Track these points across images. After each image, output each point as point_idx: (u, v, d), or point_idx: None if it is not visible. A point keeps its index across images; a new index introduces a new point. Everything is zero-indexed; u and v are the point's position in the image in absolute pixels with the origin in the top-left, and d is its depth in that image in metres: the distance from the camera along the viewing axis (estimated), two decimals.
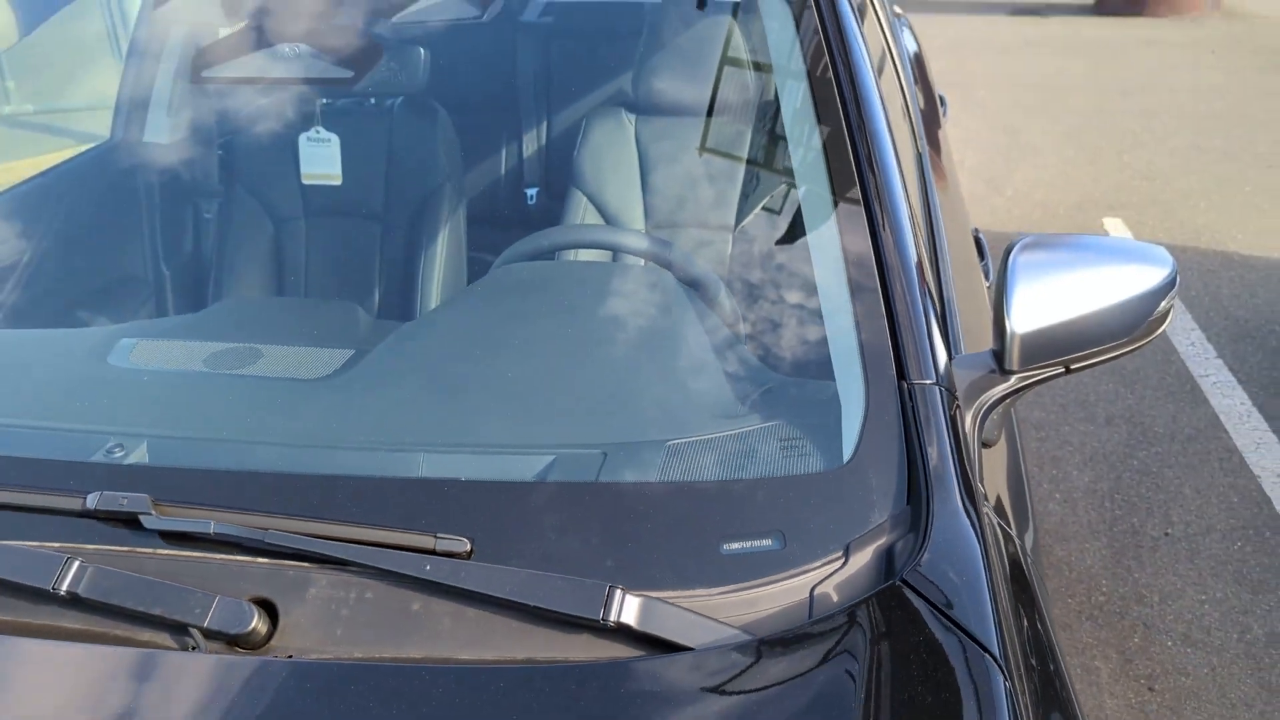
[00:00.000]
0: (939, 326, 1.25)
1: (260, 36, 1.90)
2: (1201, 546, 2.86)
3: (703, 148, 1.95)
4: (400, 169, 2.42)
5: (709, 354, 1.32)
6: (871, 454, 1.09)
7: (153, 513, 1.05)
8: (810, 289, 1.35)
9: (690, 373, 1.29)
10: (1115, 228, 5.09)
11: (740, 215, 1.89)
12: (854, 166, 1.33)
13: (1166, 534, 2.92)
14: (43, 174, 2.26)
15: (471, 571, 0.99)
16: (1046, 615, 1.13)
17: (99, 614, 1.00)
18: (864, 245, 1.25)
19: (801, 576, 1.01)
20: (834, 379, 1.21)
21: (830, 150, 1.36)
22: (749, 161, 1.84)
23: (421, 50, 2.16)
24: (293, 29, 1.87)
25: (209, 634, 0.98)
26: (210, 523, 1.04)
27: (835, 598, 1.00)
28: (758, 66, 1.80)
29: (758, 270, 1.50)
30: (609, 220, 2.24)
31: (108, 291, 2.34)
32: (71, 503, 1.08)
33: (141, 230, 2.44)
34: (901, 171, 1.39)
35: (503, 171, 2.88)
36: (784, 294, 1.42)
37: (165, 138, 2.45)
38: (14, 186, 2.20)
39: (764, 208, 1.69)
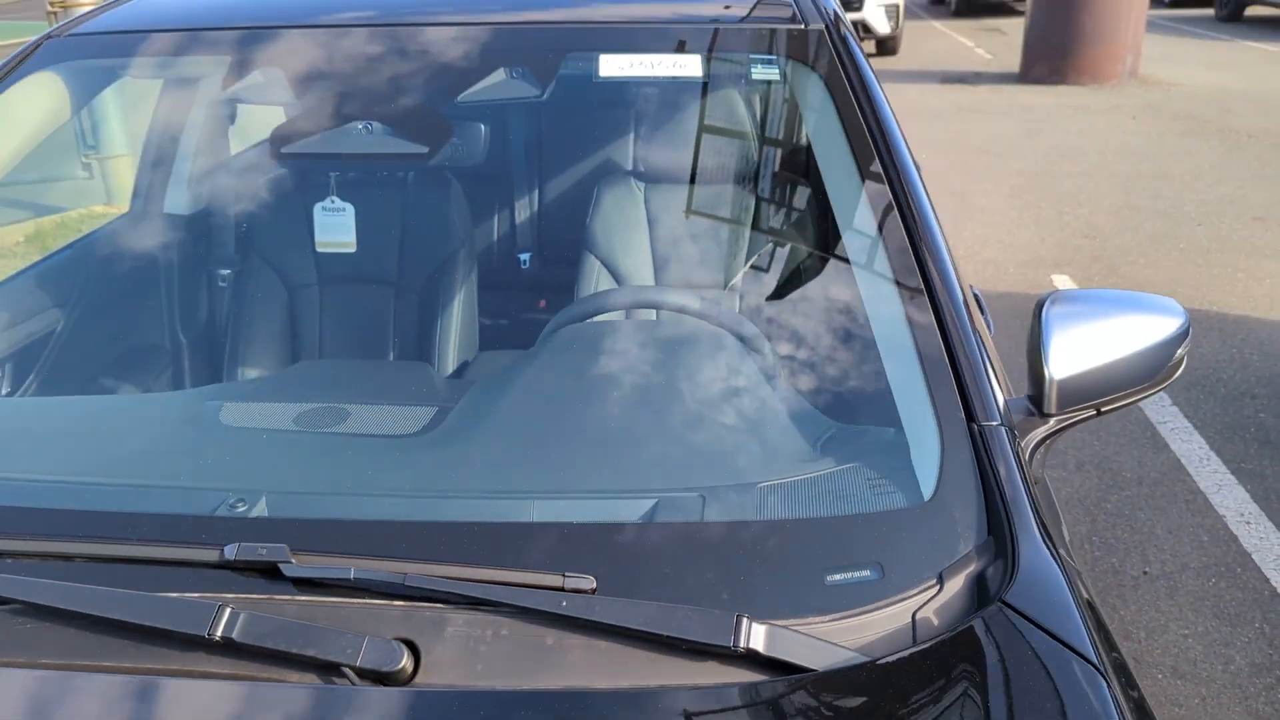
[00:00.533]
0: (991, 372, 1.37)
1: (333, 115, 1.98)
2: (1179, 584, 3.01)
3: (718, 211, 2.07)
4: (414, 236, 2.49)
5: (776, 403, 1.42)
6: (952, 490, 1.19)
7: (292, 560, 1.11)
8: (861, 340, 1.46)
9: (764, 421, 1.39)
10: (1064, 283, 5.33)
11: (761, 271, 2.00)
12: (901, 223, 1.45)
13: (1145, 573, 3.06)
14: (67, 247, 2.30)
15: (605, 605, 1.07)
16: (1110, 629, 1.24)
17: (253, 658, 1.05)
18: (921, 298, 1.37)
19: (903, 603, 1.10)
20: (901, 422, 1.31)
21: (877, 207, 1.48)
22: (762, 224, 1.96)
23: (482, 126, 2.25)
24: (366, 108, 1.96)
25: (361, 672, 1.04)
26: (350, 569, 1.10)
27: (936, 621, 1.09)
28: (775, 133, 1.92)
29: (803, 324, 1.60)
30: (620, 282, 2.34)
31: (131, 360, 2.38)
32: (208, 554, 1.13)
33: (160, 300, 2.49)
34: (941, 227, 1.51)
35: (495, 237, 2.97)
36: (835, 346, 1.53)
37: (184, 209, 2.51)
38: (40, 261, 2.24)
39: (797, 265, 1.81)
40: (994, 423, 1.26)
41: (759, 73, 1.69)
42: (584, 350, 1.54)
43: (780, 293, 1.75)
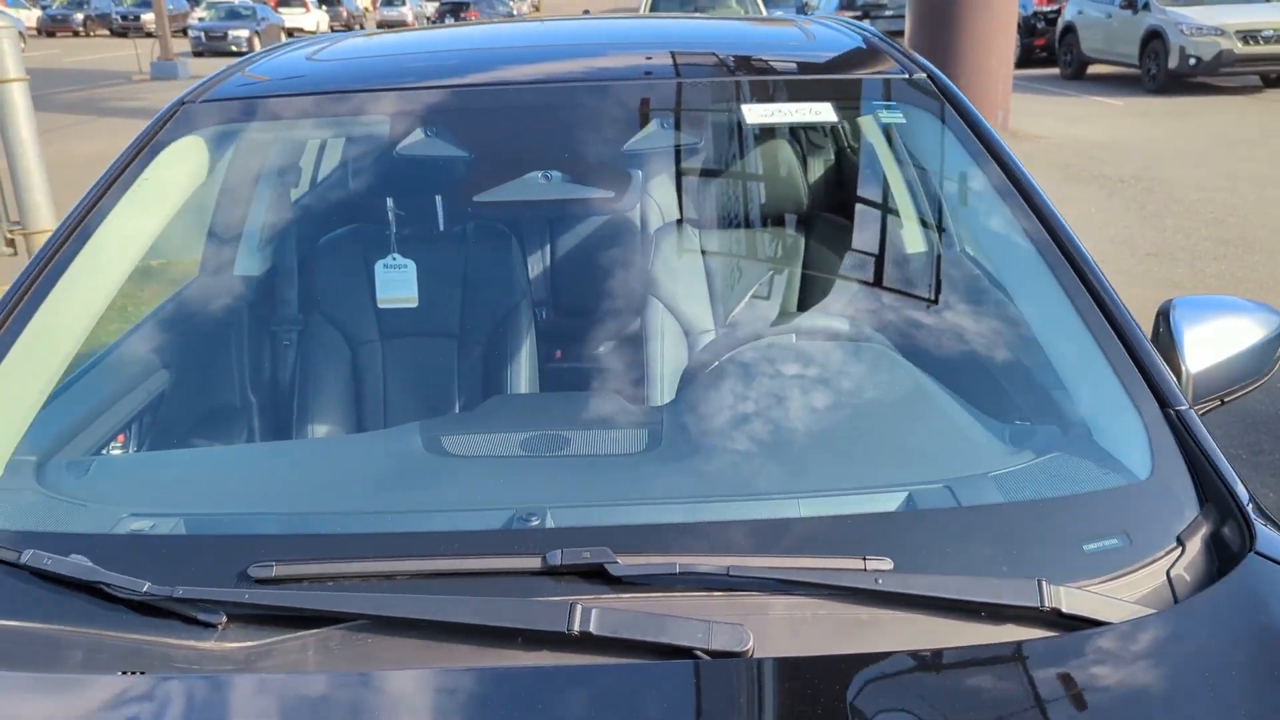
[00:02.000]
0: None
1: (510, 167, 2.07)
2: None
3: (862, 244, 2.21)
4: (476, 289, 2.57)
5: (968, 403, 1.57)
6: (1167, 466, 1.36)
7: (618, 560, 1.20)
8: (1034, 344, 1.63)
9: (967, 419, 1.54)
10: None
11: (915, 289, 2.13)
12: (1049, 235, 1.63)
13: None
14: (150, 317, 2.30)
15: (915, 580, 1.19)
16: None
17: (611, 649, 1.13)
18: (1089, 301, 1.54)
19: (1155, 564, 1.25)
20: (1097, 412, 1.48)
21: (1023, 224, 1.65)
22: (901, 250, 2.13)
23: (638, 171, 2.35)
24: (534, 160, 2.06)
25: (712, 654, 1.13)
26: (675, 564, 1.19)
27: (1189, 577, 1.24)
28: (900, 168, 2.11)
29: (977, 334, 1.76)
30: (683, 323, 2.47)
31: (209, 420, 2.39)
32: (529, 563, 1.21)
33: (230, 360, 2.50)
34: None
35: (553, 287, 3.01)
36: (1012, 352, 1.70)
37: (255, 271, 2.54)
38: (126, 335, 2.23)
39: (951, 281, 1.95)
40: (1182, 407, 1.44)
41: (885, 116, 1.87)
42: (764, 367, 1.67)
43: (941, 306, 1.90)
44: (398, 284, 2.63)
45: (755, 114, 1.77)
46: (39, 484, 1.46)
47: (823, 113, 1.78)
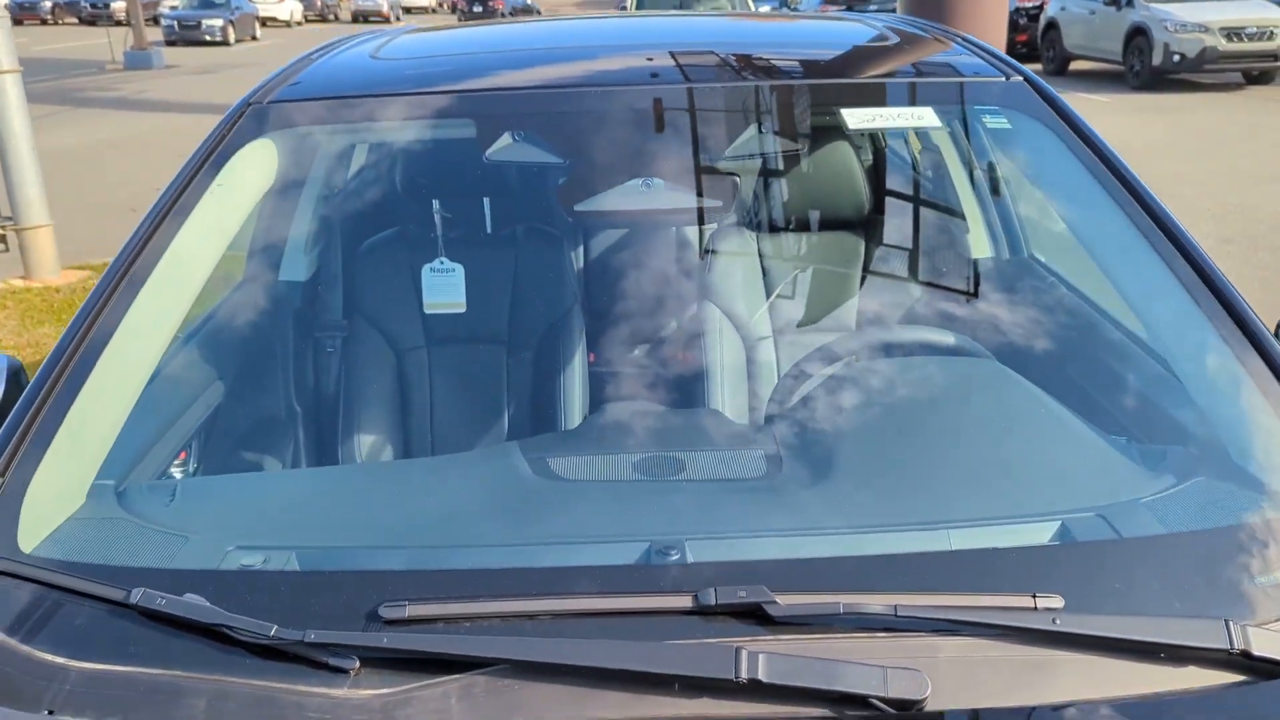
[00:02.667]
0: None
1: (610, 173, 1.98)
2: None
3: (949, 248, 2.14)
4: (526, 294, 2.49)
5: (1089, 422, 1.51)
6: None
7: (777, 600, 1.12)
8: (1159, 363, 1.57)
9: (1096, 438, 1.47)
10: None
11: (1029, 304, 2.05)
12: (1174, 246, 1.55)
13: None
14: (200, 326, 2.19)
15: (1093, 620, 1.12)
16: None
17: (781, 697, 1.06)
18: (1225, 317, 1.47)
19: None
20: (1241, 431, 1.42)
21: (1146, 234, 1.57)
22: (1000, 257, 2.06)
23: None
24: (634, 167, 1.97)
25: (889, 701, 1.06)
26: (839, 604, 1.12)
27: None
28: (1001, 174, 2.04)
29: (1101, 352, 1.70)
30: (740, 327, 2.40)
31: (255, 432, 2.29)
32: (678, 602, 1.13)
33: (276, 370, 2.40)
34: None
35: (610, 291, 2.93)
36: (1138, 371, 1.64)
37: (301, 275, 2.44)
38: (179, 344, 2.13)
39: (1072, 296, 1.87)
40: None
41: (991, 122, 1.80)
42: (873, 383, 1.59)
43: (1050, 319, 1.84)
44: (445, 289, 2.54)
45: (857, 119, 1.69)
46: (126, 511, 1.37)
47: (925, 117, 1.71)
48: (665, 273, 2.98)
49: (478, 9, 36.09)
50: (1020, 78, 1.83)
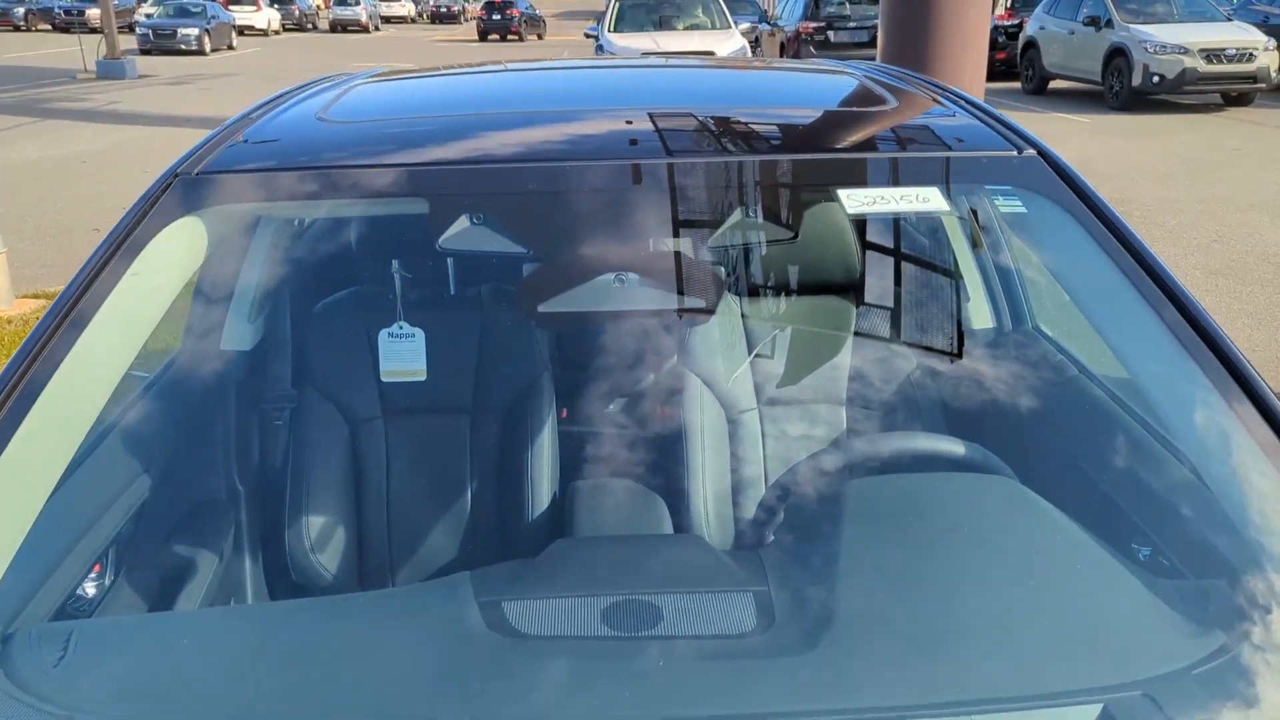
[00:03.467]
0: None
1: (578, 267, 1.79)
2: None
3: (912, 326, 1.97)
4: (491, 360, 2.30)
5: (1118, 553, 1.33)
6: None
7: None
8: (1184, 476, 1.39)
9: (1130, 578, 1.29)
10: None
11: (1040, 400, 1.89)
12: (1205, 342, 1.37)
13: None
14: (121, 416, 1.97)
15: None
16: None
17: None
18: (1263, 429, 1.30)
19: None
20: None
21: (1176, 331, 1.39)
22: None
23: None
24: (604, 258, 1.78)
25: None
26: None
27: None
28: (1016, 259, 1.86)
29: (1121, 459, 1.52)
30: (721, 398, 2.22)
31: (191, 520, 2.09)
32: None
33: (215, 447, 2.20)
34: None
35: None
36: (1156, 480, 1.46)
37: (246, 344, 2.24)
38: (107, 420, 1.92)
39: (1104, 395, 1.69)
40: None
41: (1004, 205, 1.62)
42: (879, 514, 1.40)
43: (1070, 429, 1.66)
44: (404, 355, 2.35)
45: (855, 202, 1.51)
46: (3, 675, 1.15)
47: (931, 199, 1.52)
48: (643, 335, 2.79)
49: (495, 17, 37.08)
50: (1033, 150, 1.66)
